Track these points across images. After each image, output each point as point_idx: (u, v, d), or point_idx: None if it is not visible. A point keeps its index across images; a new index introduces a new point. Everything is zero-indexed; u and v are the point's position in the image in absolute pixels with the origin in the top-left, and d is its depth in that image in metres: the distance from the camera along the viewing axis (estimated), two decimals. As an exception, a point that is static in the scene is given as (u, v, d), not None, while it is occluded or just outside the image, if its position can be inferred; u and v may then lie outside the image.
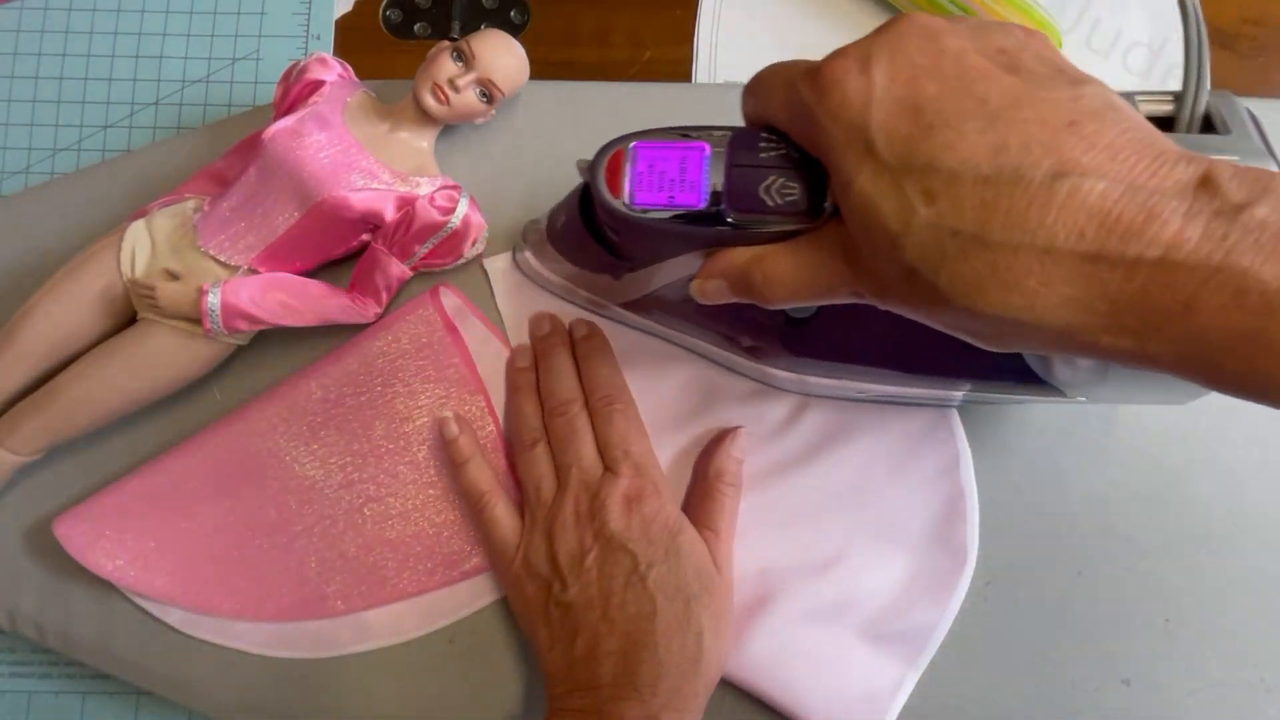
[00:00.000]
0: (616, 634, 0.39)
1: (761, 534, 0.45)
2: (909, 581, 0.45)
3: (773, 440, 0.46)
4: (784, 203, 0.31)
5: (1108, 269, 0.24)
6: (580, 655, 0.40)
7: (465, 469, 0.44)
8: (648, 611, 0.40)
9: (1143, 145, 0.25)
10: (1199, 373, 0.24)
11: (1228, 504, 0.46)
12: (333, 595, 0.45)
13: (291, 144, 0.42)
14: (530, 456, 0.44)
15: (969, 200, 0.25)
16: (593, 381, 0.45)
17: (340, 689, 0.45)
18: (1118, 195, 0.24)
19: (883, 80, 0.27)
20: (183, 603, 0.44)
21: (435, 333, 0.46)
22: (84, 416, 0.44)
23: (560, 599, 0.41)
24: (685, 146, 0.32)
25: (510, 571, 0.43)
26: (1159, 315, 0.24)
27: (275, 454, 0.45)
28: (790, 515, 0.45)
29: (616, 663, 0.39)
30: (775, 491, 0.45)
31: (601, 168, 0.33)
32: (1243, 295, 0.23)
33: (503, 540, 0.43)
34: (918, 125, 0.26)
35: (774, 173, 0.31)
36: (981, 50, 0.28)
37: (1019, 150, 0.25)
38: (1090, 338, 0.25)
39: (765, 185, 0.31)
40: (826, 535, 0.45)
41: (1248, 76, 0.55)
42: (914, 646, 0.44)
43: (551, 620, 0.41)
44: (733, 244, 0.32)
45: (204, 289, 0.41)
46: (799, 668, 0.43)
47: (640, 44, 0.55)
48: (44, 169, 0.54)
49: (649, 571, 0.40)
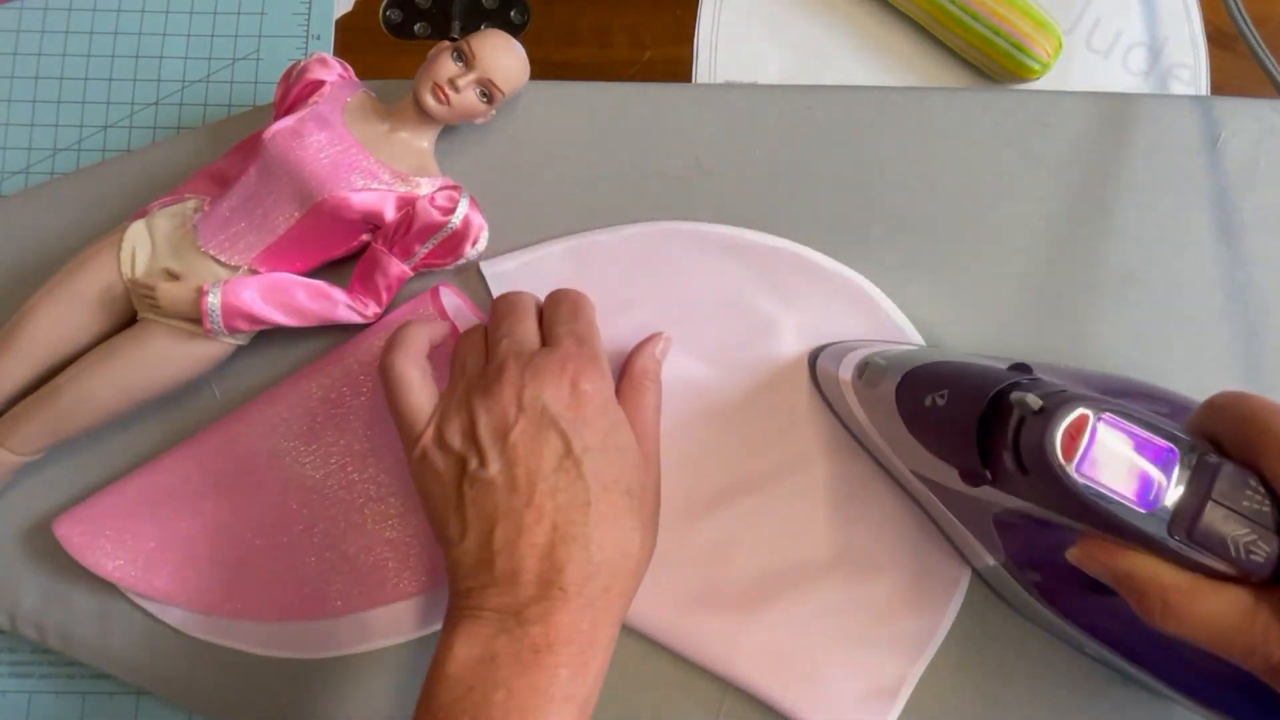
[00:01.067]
0: (544, 524, 0.35)
1: (760, 533, 0.45)
2: (912, 581, 0.45)
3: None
4: (1247, 559, 0.29)
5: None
6: (500, 547, 0.35)
7: (390, 351, 0.39)
8: (581, 501, 0.35)
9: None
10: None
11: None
12: (333, 595, 0.45)
13: (292, 144, 0.42)
14: (462, 337, 0.40)
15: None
16: (553, 318, 0.41)
17: (341, 689, 0.45)
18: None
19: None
20: (183, 603, 0.44)
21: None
22: (84, 416, 0.44)
23: (478, 476, 0.36)
24: (1154, 444, 0.30)
25: (417, 446, 0.37)
26: None
27: (275, 454, 0.45)
28: (792, 514, 0.45)
29: (542, 558, 0.35)
30: (779, 490, 0.45)
31: (1061, 429, 0.30)
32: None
33: (412, 410, 0.38)
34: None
35: (1253, 528, 0.29)
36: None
37: None
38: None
39: (1236, 537, 0.29)
40: (828, 535, 0.45)
41: (1248, 76, 0.55)
42: (915, 647, 0.44)
43: (465, 503, 0.36)
44: (1151, 553, 0.30)
45: (204, 289, 0.41)
46: (799, 667, 0.43)
47: (640, 44, 0.55)
48: (44, 169, 0.54)
49: (585, 456, 0.36)
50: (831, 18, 0.55)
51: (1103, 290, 0.47)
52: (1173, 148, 0.48)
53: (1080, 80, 0.54)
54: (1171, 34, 0.55)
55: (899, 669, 0.44)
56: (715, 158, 0.48)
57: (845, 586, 0.44)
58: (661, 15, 0.55)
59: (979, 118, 0.48)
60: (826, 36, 0.55)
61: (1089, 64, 0.55)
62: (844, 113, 0.48)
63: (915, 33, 0.55)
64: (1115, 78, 0.55)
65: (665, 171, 0.48)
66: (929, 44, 0.55)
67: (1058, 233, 0.47)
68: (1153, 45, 0.55)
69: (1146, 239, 0.47)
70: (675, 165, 0.48)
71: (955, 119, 0.48)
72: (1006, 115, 0.48)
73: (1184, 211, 0.48)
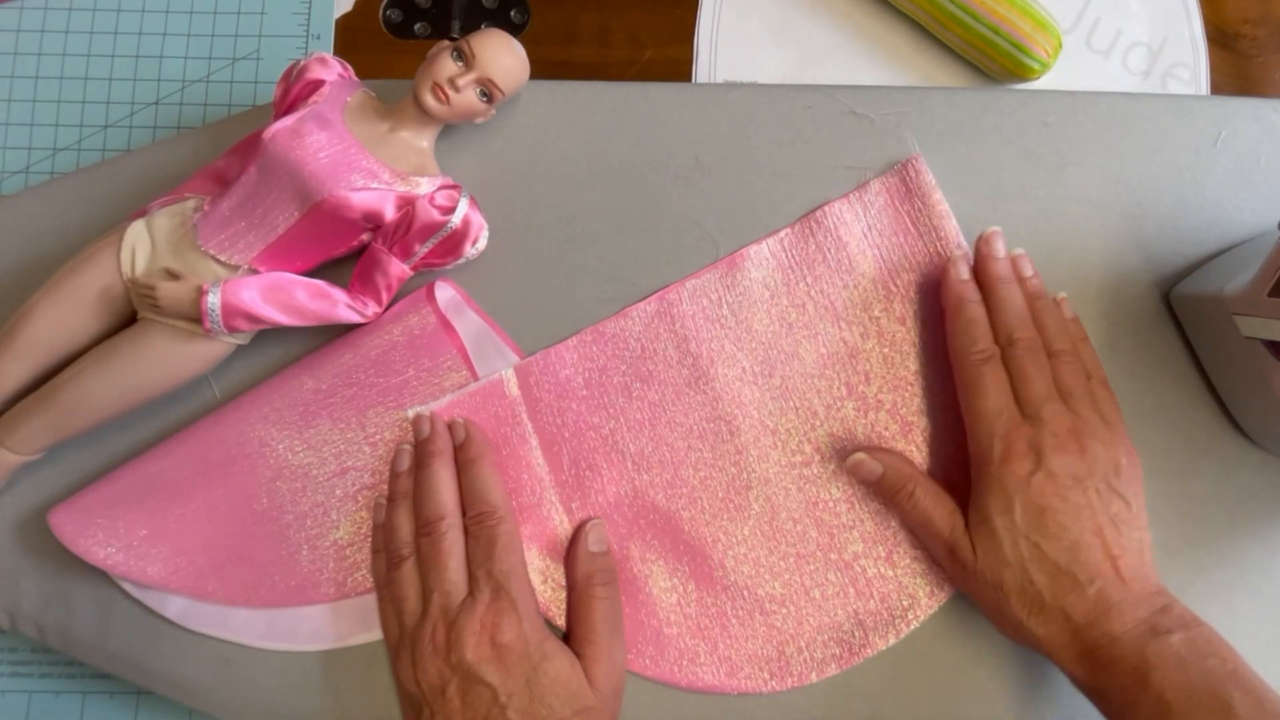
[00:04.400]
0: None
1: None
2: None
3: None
4: None
5: (1087, 632, 0.39)
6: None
7: (373, 559, 0.45)
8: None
9: (1143, 578, 0.40)
10: (1090, 690, 0.39)
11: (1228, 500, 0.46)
12: (325, 582, 0.45)
13: (291, 143, 0.42)
14: (397, 576, 0.43)
15: (1049, 572, 0.40)
16: (469, 495, 0.44)
17: (340, 683, 0.45)
18: (1115, 600, 0.39)
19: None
20: (176, 588, 0.44)
21: (429, 325, 0.46)
22: (84, 416, 0.44)
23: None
24: None
25: (393, 673, 0.44)
26: (1092, 659, 0.39)
27: (268, 442, 0.45)
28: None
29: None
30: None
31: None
32: (1138, 671, 0.37)
33: (387, 639, 0.44)
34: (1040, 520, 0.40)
35: None
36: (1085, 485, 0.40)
37: (1082, 564, 0.39)
38: (1058, 657, 0.40)
39: None
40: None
41: (1248, 76, 0.55)
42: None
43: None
44: None
45: (204, 288, 0.41)
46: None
47: (640, 44, 0.55)
48: (44, 169, 0.54)
49: (510, 702, 0.39)
50: (831, 17, 0.55)
51: (1103, 290, 0.47)
52: (1173, 147, 0.48)
53: (1080, 80, 0.54)
54: (1171, 34, 0.55)
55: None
56: (715, 158, 0.48)
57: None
58: (661, 15, 0.55)
59: (979, 118, 0.48)
60: (826, 36, 0.55)
61: (1089, 64, 0.55)
62: (844, 113, 0.48)
63: (915, 33, 0.55)
64: (1115, 78, 0.55)
65: (665, 171, 0.48)
66: (929, 44, 0.55)
67: (1058, 232, 0.48)
68: (1153, 45, 0.55)
69: (1147, 239, 0.47)
70: (675, 165, 0.48)
71: (955, 119, 0.48)
72: (1006, 115, 0.48)
73: (1184, 211, 0.48)
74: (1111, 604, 0.39)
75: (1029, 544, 0.40)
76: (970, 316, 0.44)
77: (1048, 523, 0.40)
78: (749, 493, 0.46)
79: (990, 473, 0.41)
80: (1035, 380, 0.42)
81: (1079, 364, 0.43)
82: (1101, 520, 0.40)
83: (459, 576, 0.42)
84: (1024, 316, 0.43)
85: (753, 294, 0.47)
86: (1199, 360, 0.47)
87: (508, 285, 0.47)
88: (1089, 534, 0.40)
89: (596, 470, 0.46)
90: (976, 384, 0.42)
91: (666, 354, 0.46)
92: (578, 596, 0.44)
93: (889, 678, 0.45)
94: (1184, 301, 0.46)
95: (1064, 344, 0.43)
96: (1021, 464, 0.40)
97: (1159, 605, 0.39)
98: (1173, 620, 0.38)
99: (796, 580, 0.45)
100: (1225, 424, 0.47)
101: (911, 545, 0.45)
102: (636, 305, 0.47)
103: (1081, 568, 0.39)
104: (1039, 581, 0.40)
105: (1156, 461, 0.46)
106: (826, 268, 0.47)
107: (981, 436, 0.42)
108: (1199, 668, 0.37)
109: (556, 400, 0.46)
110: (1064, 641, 0.39)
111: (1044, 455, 0.40)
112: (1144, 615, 0.38)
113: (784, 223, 0.48)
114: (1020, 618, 0.40)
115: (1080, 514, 0.40)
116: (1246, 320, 0.41)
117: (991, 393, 0.42)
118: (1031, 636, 0.40)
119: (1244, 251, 0.45)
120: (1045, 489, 0.40)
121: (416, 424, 0.45)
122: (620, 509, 0.46)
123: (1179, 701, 0.36)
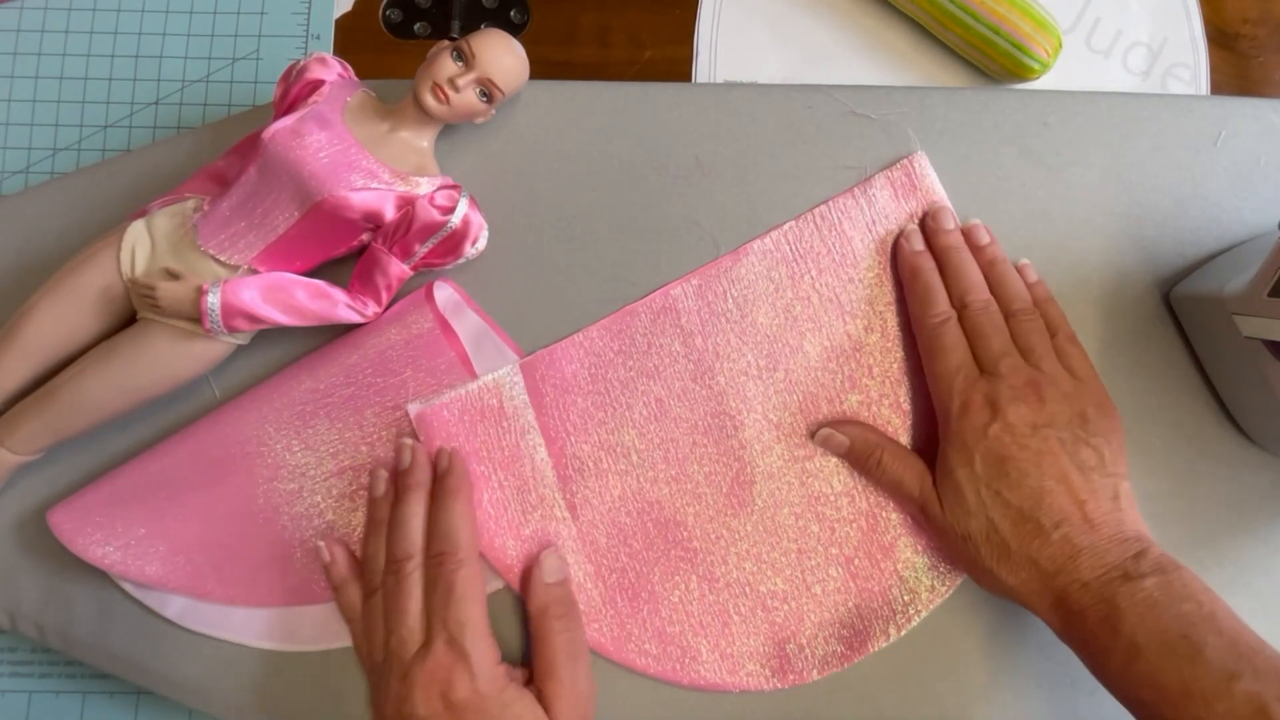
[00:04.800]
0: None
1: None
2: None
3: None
4: None
5: (1056, 578, 0.39)
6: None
7: (339, 594, 0.44)
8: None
9: (1116, 523, 0.40)
10: (1068, 639, 0.39)
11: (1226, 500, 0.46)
12: (324, 581, 0.45)
13: (291, 143, 0.42)
14: (368, 607, 0.43)
15: (1012, 519, 0.40)
16: (434, 532, 0.43)
17: (339, 684, 0.45)
18: (1083, 545, 0.39)
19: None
20: (174, 587, 0.44)
21: (427, 324, 0.46)
22: (84, 416, 0.44)
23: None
24: None
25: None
26: (1064, 606, 0.39)
27: (265, 441, 0.45)
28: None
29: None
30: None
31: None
32: (1109, 618, 0.37)
33: (361, 664, 0.44)
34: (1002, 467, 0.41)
35: None
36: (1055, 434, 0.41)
37: (1046, 509, 0.40)
38: (1033, 606, 0.40)
39: None
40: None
41: (1248, 76, 0.55)
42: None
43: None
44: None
45: (204, 288, 0.41)
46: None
47: (640, 44, 0.55)
48: (44, 169, 0.54)
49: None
50: (831, 17, 0.55)
51: (1103, 290, 0.47)
52: (1173, 147, 0.48)
53: (1080, 80, 0.54)
54: (1171, 34, 0.55)
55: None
56: (715, 158, 0.48)
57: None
58: (661, 15, 0.55)
59: (979, 118, 0.48)
60: (826, 36, 0.55)
61: (1089, 64, 0.55)
62: (844, 113, 0.48)
63: (915, 33, 0.55)
64: (1115, 77, 0.55)
65: (665, 171, 0.48)
66: (929, 44, 0.55)
67: (1058, 232, 0.48)
68: (1153, 45, 0.55)
69: (1147, 239, 0.47)
70: (675, 165, 0.48)
71: (955, 119, 0.48)
72: (1006, 115, 0.48)
73: (1184, 211, 0.48)
74: (1079, 549, 0.39)
75: (990, 492, 0.40)
76: (926, 283, 0.45)
77: (1009, 470, 0.40)
78: (752, 488, 0.46)
79: (951, 428, 0.42)
80: (991, 338, 0.43)
81: (1038, 323, 0.44)
82: (1066, 467, 0.40)
83: (416, 623, 0.41)
84: (976, 280, 0.44)
85: (757, 287, 0.47)
86: (1199, 360, 0.47)
87: (508, 285, 0.47)
88: (1051, 480, 0.40)
89: (600, 467, 0.46)
90: (935, 345, 0.44)
91: (671, 349, 0.46)
92: (535, 629, 0.43)
93: (890, 675, 0.45)
94: (1184, 301, 0.46)
95: (1021, 304, 0.44)
96: (979, 415, 0.41)
97: (1134, 550, 0.39)
98: (1148, 564, 0.38)
99: (798, 576, 0.45)
100: (1225, 424, 0.47)
101: (912, 540, 0.45)
102: (641, 301, 0.47)
103: (1045, 513, 0.39)
104: (1003, 529, 0.40)
105: (1156, 461, 0.46)
106: (831, 261, 0.47)
107: (942, 395, 0.43)
108: (1172, 611, 0.37)
109: (559, 397, 0.46)
110: (1035, 589, 0.39)
111: (1000, 407, 0.41)
112: (1115, 560, 0.38)
113: (784, 221, 0.48)
114: (990, 567, 0.40)
115: (1041, 460, 0.40)
116: (1246, 320, 0.41)
117: (949, 353, 0.43)
118: (1004, 586, 0.40)
119: (1244, 251, 0.45)
120: (1003, 438, 0.41)
121: (399, 452, 0.45)
122: (623, 506, 0.46)
123: (1149, 645, 0.36)
